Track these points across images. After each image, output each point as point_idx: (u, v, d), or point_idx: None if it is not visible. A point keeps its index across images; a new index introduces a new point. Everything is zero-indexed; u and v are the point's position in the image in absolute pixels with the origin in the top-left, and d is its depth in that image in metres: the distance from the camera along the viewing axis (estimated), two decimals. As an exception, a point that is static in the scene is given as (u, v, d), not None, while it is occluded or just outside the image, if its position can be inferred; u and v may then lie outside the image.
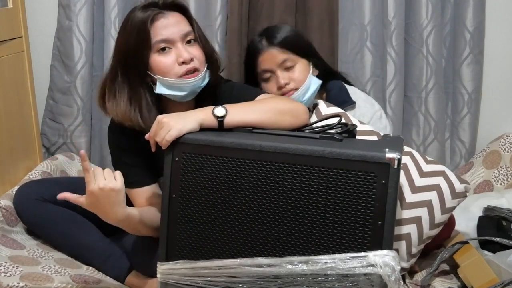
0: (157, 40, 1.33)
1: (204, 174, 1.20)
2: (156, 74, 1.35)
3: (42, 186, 1.63)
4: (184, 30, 1.37)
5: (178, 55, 1.34)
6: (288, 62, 1.63)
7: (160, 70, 1.35)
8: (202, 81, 1.39)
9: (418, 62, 2.12)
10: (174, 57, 1.35)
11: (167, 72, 1.35)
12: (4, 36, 1.80)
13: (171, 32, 1.34)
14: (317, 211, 1.14)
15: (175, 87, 1.36)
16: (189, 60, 1.35)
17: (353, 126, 1.31)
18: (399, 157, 1.10)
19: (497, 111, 2.23)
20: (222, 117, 1.23)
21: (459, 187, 1.48)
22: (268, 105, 1.32)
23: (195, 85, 1.38)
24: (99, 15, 2.08)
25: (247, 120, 1.26)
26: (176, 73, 1.35)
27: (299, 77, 1.63)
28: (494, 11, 2.15)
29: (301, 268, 1.13)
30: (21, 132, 1.92)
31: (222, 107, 1.24)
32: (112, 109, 1.37)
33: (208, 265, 1.21)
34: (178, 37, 1.35)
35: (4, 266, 1.37)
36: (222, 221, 1.21)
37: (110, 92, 1.38)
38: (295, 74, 1.63)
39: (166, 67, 1.34)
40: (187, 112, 1.26)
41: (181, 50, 1.35)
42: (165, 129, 1.20)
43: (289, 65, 1.63)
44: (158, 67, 1.35)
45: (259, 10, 2.05)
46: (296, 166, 1.14)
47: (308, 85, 1.63)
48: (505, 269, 1.41)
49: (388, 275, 1.08)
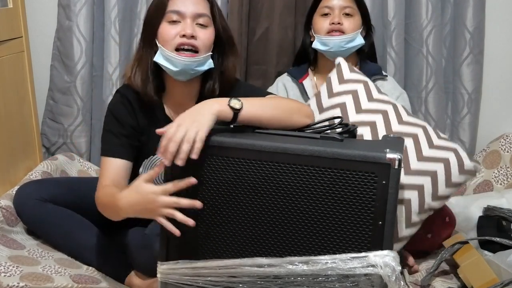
0: (170, 10, 1.40)
1: (205, 174, 1.20)
2: (159, 42, 1.41)
3: (42, 186, 1.63)
4: (199, 10, 1.41)
5: (182, 28, 1.39)
6: (349, 9, 1.80)
7: (162, 38, 1.41)
8: (197, 65, 1.41)
9: (418, 62, 2.12)
10: (179, 30, 1.39)
11: (167, 41, 1.40)
12: (4, 36, 1.80)
13: (186, 7, 1.40)
14: (317, 211, 1.14)
15: (169, 59, 1.40)
16: (189, 35, 1.38)
17: (353, 126, 1.31)
18: (400, 157, 1.10)
19: (497, 111, 2.23)
20: (238, 110, 1.22)
21: (469, 165, 1.48)
22: (279, 103, 1.34)
23: (188, 65, 1.40)
24: (99, 15, 2.08)
25: (261, 115, 1.27)
26: (174, 43, 1.39)
27: (350, 26, 1.79)
28: (494, 11, 2.15)
29: (301, 268, 1.13)
30: (21, 132, 1.92)
31: (236, 99, 1.23)
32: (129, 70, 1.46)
33: (208, 265, 1.21)
34: (190, 13, 1.40)
35: (4, 266, 1.37)
36: (222, 221, 1.21)
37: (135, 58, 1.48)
38: (349, 22, 1.79)
39: (167, 35, 1.39)
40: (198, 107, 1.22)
41: (187, 25, 1.39)
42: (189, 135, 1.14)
43: (348, 12, 1.80)
44: (162, 35, 1.41)
45: (259, 10, 2.05)
46: (296, 166, 1.14)
47: (354, 37, 1.79)
48: (505, 269, 1.41)
49: (389, 276, 1.08)
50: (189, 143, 1.14)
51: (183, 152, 1.14)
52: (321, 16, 1.82)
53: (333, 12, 1.79)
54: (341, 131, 1.28)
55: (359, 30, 1.81)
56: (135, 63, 1.46)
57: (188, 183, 1.16)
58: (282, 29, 2.05)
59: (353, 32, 1.79)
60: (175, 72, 1.41)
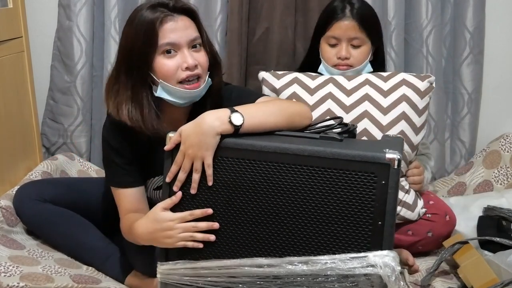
0: (163, 43, 1.31)
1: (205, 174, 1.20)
2: (158, 77, 1.33)
3: (42, 186, 1.63)
4: (192, 35, 1.34)
5: (183, 60, 1.32)
6: (357, 41, 1.69)
7: (162, 73, 1.33)
8: (202, 91, 1.38)
9: (418, 62, 2.12)
10: (179, 61, 1.32)
11: (169, 76, 1.32)
12: (4, 36, 1.80)
13: (179, 36, 1.32)
14: (317, 211, 1.14)
15: (175, 94, 1.34)
16: (193, 66, 1.33)
17: (353, 126, 1.31)
18: (399, 157, 1.10)
19: (497, 111, 2.23)
20: (240, 125, 1.21)
21: (423, 85, 1.60)
22: (280, 108, 1.31)
23: (195, 96, 1.37)
24: (99, 15, 2.08)
25: (263, 124, 1.25)
26: (177, 77, 1.33)
27: (358, 58, 1.71)
28: (494, 11, 2.15)
29: (301, 268, 1.13)
30: (21, 132, 1.92)
31: (237, 112, 1.21)
32: (114, 107, 1.35)
33: (208, 265, 1.21)
34: (185, 42, 1.33)
35: (4, 266, 1.37)
36: (222, 221, 1.21)
37: (112, 90, 1.37)
38: (357, 53, 1.71)
39: (169, 70, 1.32)
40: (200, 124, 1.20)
41: (186, 55, 1.33)
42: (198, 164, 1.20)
43: (357, 44, 1.70)
44: (161, 70, 1.32)
45: (259, 10, 2.05)
46: (296, 166, 1.15)
47: (362, 68, 1.72)
48: (505, 269, 1.41)
49: (388, 276, 1.08)
50: (199, 173, 1.21)
51: (194, 182, 1.21)
52: (328, 44, 1.73)
53: (340, 43, 1.70)
54: (340, 131, 1.28)
55: (367, 59, 1.72)
56: (127, 100, 1.34)
57: (204, 213, 1.22)
58: (282, 29, 2.05)
59: (361, 64, 1.71)
60: (182, 104, 1.37)
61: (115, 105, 1.35)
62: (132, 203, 1.41)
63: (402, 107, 1.59)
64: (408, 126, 1.58)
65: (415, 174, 1.66)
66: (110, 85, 1.38)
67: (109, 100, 1.37)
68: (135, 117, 1.33)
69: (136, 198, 1.42)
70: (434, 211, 1.67)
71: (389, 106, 1.59)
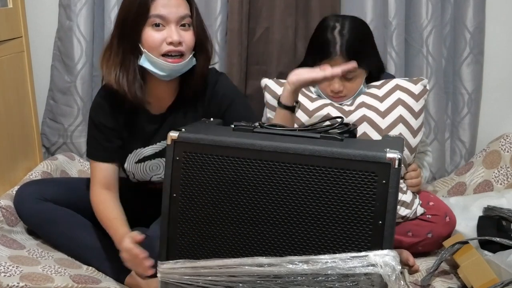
0: (153, 14, 1.40)
1: (205, 173, 1.20)
2: (144, 47, 1.42)
3: (43, 185, 1.64)
4: (182, 13, 1.43)
5: (169, 35, 1.40)
6: (350, 75, 1.64)
7: (148, 44, 1.41)
8: (183, 67, 1.46)
9: (418, 62, 2.12)
10: (165, 35, 1.41)
11: (153, 48, 1.41)
12: (4, 36, 1.80)
13: (169, 11, 1.40)
14: (317, 210, 1.14)
15: (157, 65, 1.42)
16: (177, 43, 1.41)
17: (353, 126, 1.31)
18: (400, 157, 1.10)
19: (497, 111, 2.23)
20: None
21: (417, 88, 1.66)
22: None
23: (175, 70, 1.45)
24: (99, 15, 2.08)
25: None
26: (161, 50, 1.41)
27: (353, 88, 1.68)
28: (494, 11, 2.15)
29: (301, 267, 1.13)
30: (21, 132, 1.92)
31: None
32: (105, 73, 1.46)
33: (209, 265, 1.21)
34: (174, 18, 1.41)
35: (4, 266, 1.37)
36: (222, 220, 1.21)
37: (105, 57, 1.47)
38: (351, 85, 1.67)
39: (154, 41, 1.41)
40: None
41: (173, 31, 1.41)
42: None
43: (350, 77, 1.65)
44: (147, 41, 1.41)
45: (259, 10, 2.05)
46: (297, 165, 1.15)
47: (358, 94, 1.70)
48: (505, 269, 1.41)
49: (389, 275, 1.08)
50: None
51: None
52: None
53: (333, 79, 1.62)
54: (341, 131, 1.28)
55: (361, 85, 1.69)
56: (116, 66, 1.45)
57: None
58: (282, 29, 2.05)
59: (357, 91, 1.69)
60: (162, 76, 1.45)
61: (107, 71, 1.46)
62: (105, 178, 1.54)
63: (399, 111, 1.62)
64: (406, 129, 1.62)
65: (413, 177, 1.67)
66: (105, 50, 1.49)
67: (102, 64, 1.48)
68: (121, 82, 1.44)
69: (108, 173, 1.55)
70: (434, 212, 1.67)
71: (386, 110, 1.62)
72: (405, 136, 1.61)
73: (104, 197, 1.52)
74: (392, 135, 1.32)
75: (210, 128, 1.31)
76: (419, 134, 1.65)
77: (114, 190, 1.55)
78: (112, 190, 1.55)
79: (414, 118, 1.64)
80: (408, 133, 1.63)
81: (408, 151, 1.63)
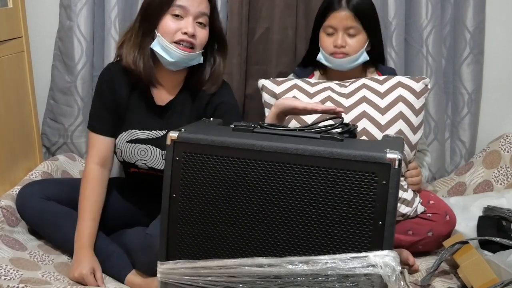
0: (176, 4, 1.50)
1: (205, 173, 1.20)
2: (159, 32, 1.52)
3: (46, 185, 1.65)
4: (202, 10, 1.53)
5: (185, 26, 1.50)
6: (352, 30, 1.74)
7: (163, 30, 1.51)
8: (190, 60, 1.54)
9: (418, 62, 2.12)
10: (181, 26, 1.50)
11: (168, 33, 1.51)
12: (4, 36, 1.80)
13: (191, 4, 1.51)
14: (317, 211, 1.14)
15: (167, 50, 1.51)
16: (191, 34, 1.50)
17: (353, 126, 1.31)
18: (400, 157, 1.10)
19: (497, 111, 2.23)
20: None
21: (419, 86, 1.67)
22: None
23: (183, 58, 1.52)
24: (100, 15, 2.08)
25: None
26: (174, 37, 1.51)
27: (354, 46, 1.75)
28: (494, 11, 2.15)
29: (301, 268, 1.13)
30: (21, 132, 1.92)
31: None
32: (125, 53, 1.55)
33: (209, 265, 1.21)
34: (193, 11, 1.51)
35: (5, 269, 1.37)
36: (222, 220, 1.21)
37: (126, 38, 1.58)
38: (353, 42, 1.76)
39: (169, 28, 1.51)
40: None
41: (189, 23, 1.51)
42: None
43: (352, 33, 1.75)
44: (163, 27, 1.51)
45: (259, 10, 2.05)
46: (296, 166, 1.15)
47: (358, 57, 1.77)
48: (505, 269, 1.41)
49: (389, 276, 1.08)
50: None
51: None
52: (325, 34, 1.78)
53: (336, 33, 1.75)
54: (341, 131, 1.28)
55: (363, 48, 1.77)
56: (135, 47, 1.54)
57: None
58: (282, 29, 2.05)
59: (357, 53, 1.75)
60: (169, 62, 1.53)
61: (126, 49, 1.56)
62: (102, 152, 1.61)
63: (399, 107, 1.63)
64: (406, 126, 1.62)
65: (414, 175, 1.68)
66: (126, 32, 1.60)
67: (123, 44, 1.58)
68: (138, 63, 1.53)
69: (105, 147, 1.61)
70: (434, 211, 1.68)
71: (387, 107, 1.63)
72: (405, 132, 1.62)
73: (97, 176, 1.58)
74: (392, 135, 1.32)
75: (209, 128, 1.31)
76: (419, 131, 1.66)
77: (107, 168, 1.62)
78: (106, 168, 1.61)
79: (415, 115, 1.65)
80: (408, 129, 1.63)
81: (408, 148, 1.63)
